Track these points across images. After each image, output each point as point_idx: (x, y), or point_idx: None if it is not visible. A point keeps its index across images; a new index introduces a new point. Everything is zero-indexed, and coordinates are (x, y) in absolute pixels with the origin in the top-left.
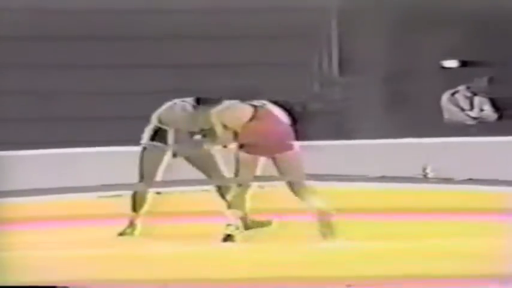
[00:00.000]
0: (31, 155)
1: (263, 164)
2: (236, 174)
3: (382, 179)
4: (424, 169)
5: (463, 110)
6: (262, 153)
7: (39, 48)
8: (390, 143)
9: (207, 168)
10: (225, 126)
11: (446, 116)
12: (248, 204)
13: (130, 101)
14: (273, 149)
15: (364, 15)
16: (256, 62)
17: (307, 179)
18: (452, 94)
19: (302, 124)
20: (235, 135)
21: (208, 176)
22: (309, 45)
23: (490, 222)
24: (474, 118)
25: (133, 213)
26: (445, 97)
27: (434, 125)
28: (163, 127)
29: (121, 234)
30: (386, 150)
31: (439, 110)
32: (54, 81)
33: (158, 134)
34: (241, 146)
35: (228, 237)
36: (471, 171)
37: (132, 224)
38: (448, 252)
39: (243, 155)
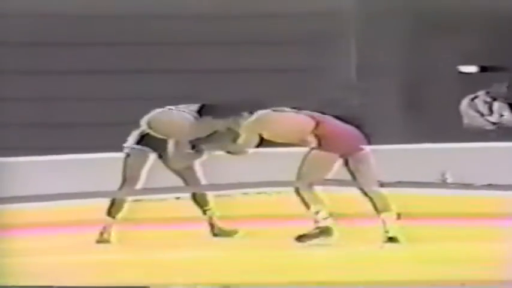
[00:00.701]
0: (34, 161)
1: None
2: (299, 175)
3: (400, 184)
4: (443, 174)
5: (482, 115)
6: (340, 151)
7: (47, 54)
8: (409, 149)
9: (187, 175)
10: (260, 135)
11: (465, 121)
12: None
13: (136, 107)
14: (351, 147)
15: (382, 20)
16: (274, 67)
17: (327, 183)
18: (472, 99)
19: None
20: (261, 139)
21: (186, 182)
22: (327, 51)
23: (511, 228)
24: (494, 123)
25: (109, 219)
26: (465, 102)
27: (454, 130)
28: (152, 133)
29: (98, 241)
30: (405, 156)
31: (458, 115)
32: (59, 87)
33: (145, 139)
34: (318, 145)
35: (323, 231)
36: (491, 177)
37: (106, 230)
38: (466, 257)
39: (317, 154)
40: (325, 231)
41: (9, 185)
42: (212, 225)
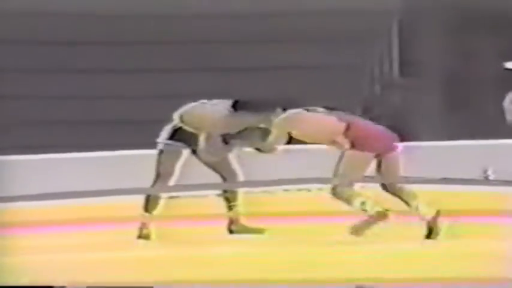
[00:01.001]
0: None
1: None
2: (336, 173)
3: (443, 180)
4: (485, 171)
5: None
6: (375, 151)
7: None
8: (451, 145)
9: (221, 169)
10: (288, 133)
11: (508, 117)
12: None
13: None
14: (385, 146)
15: (425, 18)
16: (317, 64)
17: (363, 180)
18: None
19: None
20: (290, 137)
21: (223, 178)
22: (370, 48)
23: None
24: None
25: (147, 215)
26: (508, 99)
27: (496, 126)
28: (186, 127)
29: (139, 236)
30: (447, 152)
31: (501, 112)
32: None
33: (178, 133)
34: (352, 146)
35: (377, 216)
36: None
37: (145, 226)
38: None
39: (352, 155)
40: (380, 216)
41: (41, 182)
42: (232, 221)
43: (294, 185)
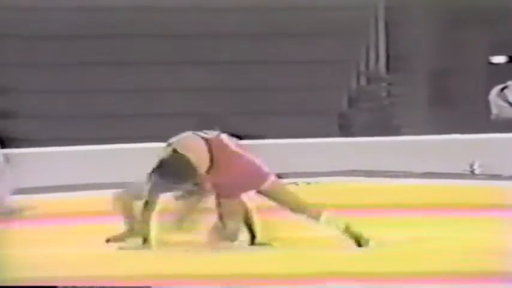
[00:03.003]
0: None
1: None
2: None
3: (429, 175)
4: (472, 165)
5: (511, 105)
6: (243, 192)
7: (88, 46)
8: (437, 139)
9: None
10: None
11: (494, 111)
12: None
13: (176, 98)
14: (252, 184)
15: (411, 12)
16: (303, 59)
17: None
18: (501, 90)
19: (349, 120)
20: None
21: None
22: (356, 42)
23: None
24: None
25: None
26: (494, 92)
27: (482, 121)
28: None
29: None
30: (434, 147)
31: (487, 106)
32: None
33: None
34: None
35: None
36: None
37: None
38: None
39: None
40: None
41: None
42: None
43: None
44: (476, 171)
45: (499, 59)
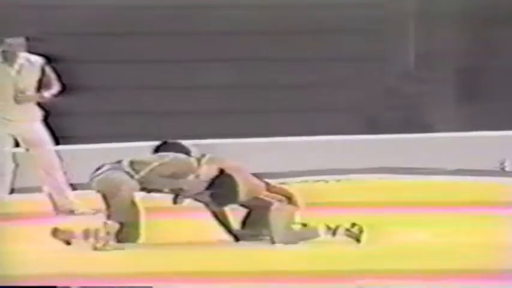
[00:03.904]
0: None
1: None
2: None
3: (459, 172)
4: (502, 163)
5: None
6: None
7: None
8: (467, 136)
9: None
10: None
11: None
12: None
13: (195, 95)
14: None
15: (441, 9)
16: (332, 56)
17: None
18: None
19: (379, 117)
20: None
21: None
22: (385, 39)
23: None
24: None
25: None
26: None
27: None
28: None
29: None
30: (464, 144)
31: None
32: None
33: None
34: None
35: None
36: None
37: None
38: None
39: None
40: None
41: None
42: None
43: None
44: (507, 169)
45: None
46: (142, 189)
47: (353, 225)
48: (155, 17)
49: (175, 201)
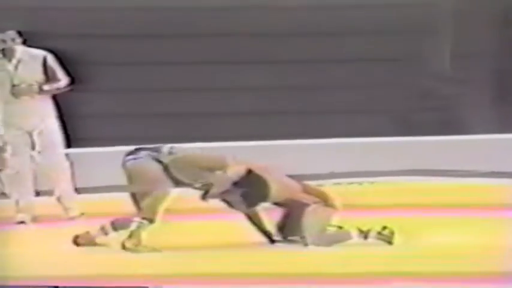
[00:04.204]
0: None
1: None
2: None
3: (493, 174)
4: None
5: None
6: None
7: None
8: (502, 138)
9: None
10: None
11: None
12: None
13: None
14: None
15: (477, 9)
16: (367, 57)
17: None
18: None
19: (414, 119)
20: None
21: None
22: (421, 41)
23: None
24: None
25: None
26: None
27: None
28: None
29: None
30: (498, 146)
31: None
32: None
33: None
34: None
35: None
36: None
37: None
38: None
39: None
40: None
41: None
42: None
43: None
44: None
45: None
46: (171, 178)
47: (384, 228)
48: (174, 20)
49: (203, 197)
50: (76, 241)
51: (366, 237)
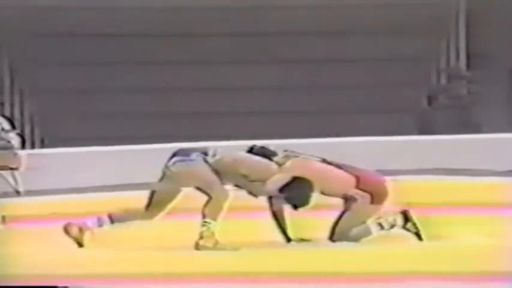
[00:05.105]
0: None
1: None
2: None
3: (510, 173)
4: None
5: None
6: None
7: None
8: None
9: None
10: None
11: None
12: None
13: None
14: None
15: (492, 9)
16: (383, 57)
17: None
18: None
19: (429, 118)
20: None
21: None
22: (437, 40)
23: None
24: None
25: None
26: None
27: None
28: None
29: None
30: None
31: None
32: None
33: None
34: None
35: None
36: None
37: None
38: None
39: (366, 206)
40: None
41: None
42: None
43: None
44: None
45: None
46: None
47: (406, 221)
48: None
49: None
50: (66, 229)
51: (392, 227)
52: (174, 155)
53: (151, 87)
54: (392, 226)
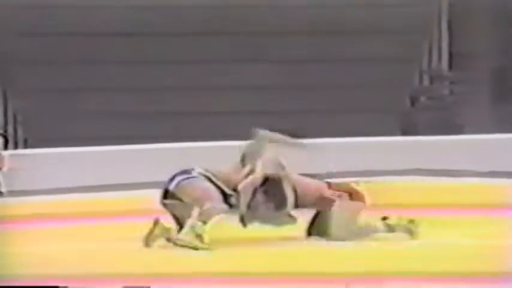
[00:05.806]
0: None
1: None
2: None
3: (493, 174)
4: None
5: None
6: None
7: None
8: (500, 138)
9: None
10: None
11: None
12: None
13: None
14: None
15: (474, 9)
16: (365, 57)
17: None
18: None
19: (411, 119)
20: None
21: None
22: (419, 40)
23: None
24: None
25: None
26: None
27: None
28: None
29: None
30: (497, 145)
31: None
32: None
33: None
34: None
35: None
36: None
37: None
38: None
39: (348, 204)
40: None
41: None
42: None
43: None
44: None
45: None
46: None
47: (411, 221)
48: (174, 18)
49: (242, 222)
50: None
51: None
52: (176, 175)
53: (136, 87)
54: (396, 224)
